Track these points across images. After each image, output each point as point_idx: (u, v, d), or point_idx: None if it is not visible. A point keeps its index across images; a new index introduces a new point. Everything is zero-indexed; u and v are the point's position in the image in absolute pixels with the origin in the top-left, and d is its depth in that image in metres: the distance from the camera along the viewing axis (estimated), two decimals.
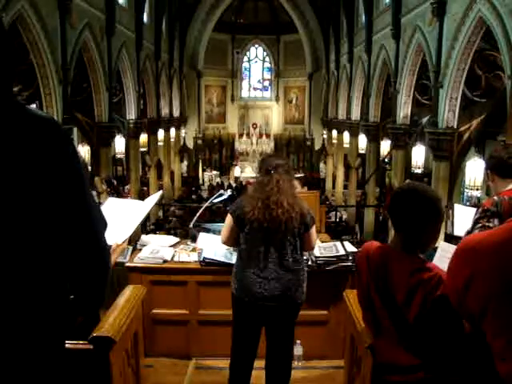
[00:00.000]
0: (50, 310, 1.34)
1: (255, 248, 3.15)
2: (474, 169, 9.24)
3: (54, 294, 1.34)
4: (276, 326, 3.27)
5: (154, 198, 4.04)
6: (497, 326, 1.32)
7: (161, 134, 20.37)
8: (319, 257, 3.89)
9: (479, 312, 1.37)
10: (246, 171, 26.07)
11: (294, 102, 29.30)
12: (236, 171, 26.77)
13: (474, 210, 4.31)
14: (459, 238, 3.09)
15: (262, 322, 3.28)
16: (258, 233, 3.12)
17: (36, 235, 1.27)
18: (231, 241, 3.36)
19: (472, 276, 1.38)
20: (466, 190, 9.80)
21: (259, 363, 3.38)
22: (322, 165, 26.89)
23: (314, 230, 3.30)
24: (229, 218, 3.28)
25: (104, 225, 1.48)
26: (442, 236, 2.28)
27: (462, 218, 3.75)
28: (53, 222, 1.29)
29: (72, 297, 1.43)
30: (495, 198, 2.94)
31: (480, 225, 2.87)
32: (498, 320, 1.32)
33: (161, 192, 4.23)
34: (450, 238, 3.76)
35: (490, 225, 2.81)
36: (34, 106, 10.07)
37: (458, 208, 4.05)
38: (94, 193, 9.66)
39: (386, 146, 15.63)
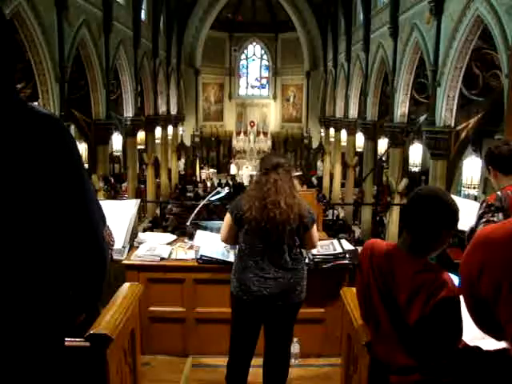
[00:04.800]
0: (48, 306, 1.34)
1: (254, 247, 3.14)
2: (472, 167, 9.26)
3: (53, 289, 1.34)
4: (275, 325, 3.27)
5: (129, 205, 3.91)
6: (509, 311, 1.39)
7: (158, 131, 20.36)
8: (316, 255, 3.89)
9: (492, 298, 1.44)
10: (243, 169, 26.08)
11: (291, 100, 29.31)
12: (232, 169, 26.79)
13: (468, 201, 4.29)
14: (461, 231, 3.08)
15: (260, 320, 3.28)
16: (256, 232, 3.11)
17: (35, 230, 1.27)
18: (230, 239, 3.36)
19: (484, 263, 1.47)
20: (463, 188, 9.81)
21: (257, 361, 3.38)
22: (319, 163, 26.91)
23: (314, 229, 3.29)
24: (228, 217, 3.28)
25: (103, 221, 1.49)
26: None
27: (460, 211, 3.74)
28: (52, 216, 1.29)
29: (70, 293, 1.43)
30: (498, 193, 2.94)
31: (484, 219, 2.88)
32: (509, 306, 1.39)
33: (136, 201, 4.07)
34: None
35: (495, 219, 2.81)
36: (36, 103, 10.06)
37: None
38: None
39: (383, 144, 15.64)
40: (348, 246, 4.13)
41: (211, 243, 4.08)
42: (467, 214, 3.14)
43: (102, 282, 1.46)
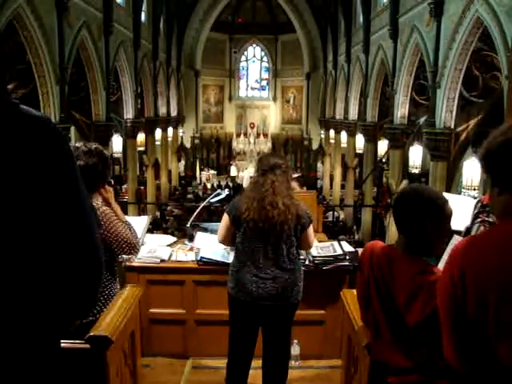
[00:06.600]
0: (43, 309, 1.34)
1: (251, 248, 3.15)
2: (472, 169, 9.25)
3: (47, 295, 1.34)
4: (273, 326, 3.27)
5: (141, 221, 3.94)
6: (499, 329, 1.28)
7: (158, 133, 20.36)
8: (316, 256, 3.89)
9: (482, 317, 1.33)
10: (244, 171, 26.04)
11: (291, 101, 29.32)
12: (232, 171, 26.78)
13: (463, 197, 4.26)
14: (457, 232, 3.08)
15: (258, 321, 3.28)
16: (254, 233, 3.12)
17: (28, 235, 1.26)
18: (228, 240, 3.37)
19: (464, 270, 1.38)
20: (463, 190, 9.81)
21: (256, 362, 3.38)
22: (319, 164, 26.91)
23: (311, 230, 3.30)
24: (225, 218, 3.29)
25: (98, 226, 1.48)
26: None
27: (456, 209, 3.70)
28: (46, 222, 1.28)
29: (65, 297, 1.42)
30: None
31: (480, 219, 2.88)
32: (498, 324, 1.27)
33: (147, 217, 4.11)
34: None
35: (490, 219, 2.82)
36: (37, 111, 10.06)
37: (450, 198, 4.01)
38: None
39: (383, 145, 15.63)
40: (348, 248, 4.13)
41: (211, 245, 4.08)
42: (463, 212, 3.14)
43: (97, 287, 1.45)
